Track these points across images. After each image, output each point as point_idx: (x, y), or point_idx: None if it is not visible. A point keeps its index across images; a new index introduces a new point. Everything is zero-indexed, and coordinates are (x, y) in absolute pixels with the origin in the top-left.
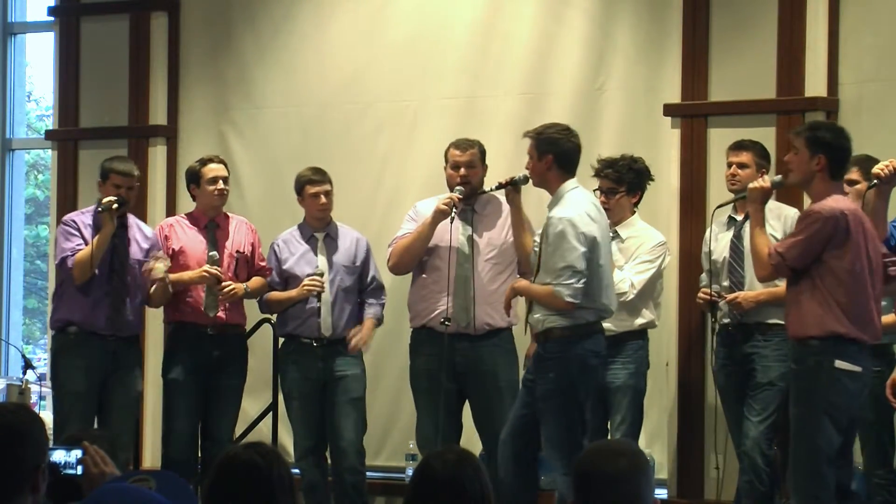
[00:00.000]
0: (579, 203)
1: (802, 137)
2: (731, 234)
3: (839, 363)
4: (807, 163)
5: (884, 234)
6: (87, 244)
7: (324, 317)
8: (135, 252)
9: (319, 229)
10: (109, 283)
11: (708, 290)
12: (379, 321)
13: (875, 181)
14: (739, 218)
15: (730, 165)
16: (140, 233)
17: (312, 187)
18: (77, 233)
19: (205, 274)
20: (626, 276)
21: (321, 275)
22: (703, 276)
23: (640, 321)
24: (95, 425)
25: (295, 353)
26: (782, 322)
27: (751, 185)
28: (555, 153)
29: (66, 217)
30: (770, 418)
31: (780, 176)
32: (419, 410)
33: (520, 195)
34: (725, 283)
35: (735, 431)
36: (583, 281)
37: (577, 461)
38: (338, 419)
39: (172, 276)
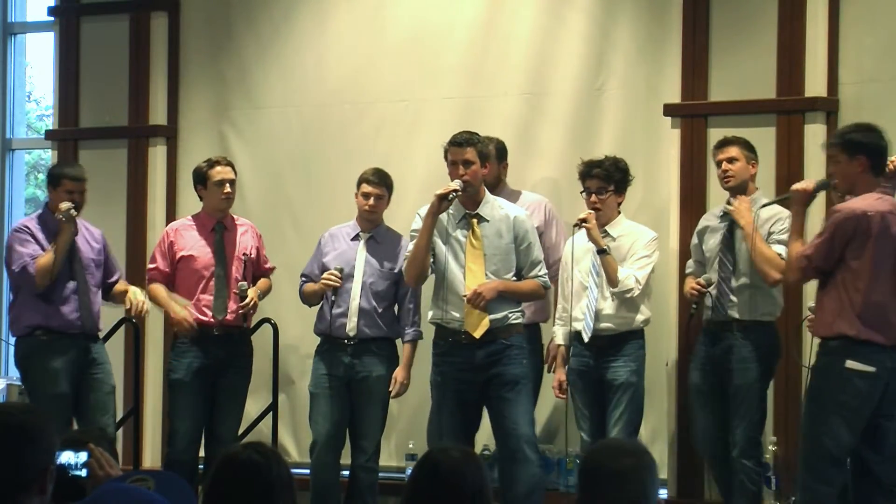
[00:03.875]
0: None
1: (837, 145)
2: (724, 228)
3: (850, 363)
4: (848, 167)
5: None
6: (42, 250)
7: (350, 318)
8: (87, 251)
9: (367, 230)
10: (73, 284)
11: (701, 282)
12: (415, 344)
13: None
14: (748, 216)
15: (719, 164)
16: (88, 233)
17: (366, 186)
18: (32, 239)
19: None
20: (630, 273)
21: (341, 270)
22: (691, 262)
23: (640, 318)
24: (74, 426)
25: (327, 350)
26: (762, 319)
27: (794, 187)
28: (489, 159)
29: (17, 224)
30: (754, 420)
31: (822, 178)
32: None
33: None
34: (714, 278)
35: (701, 429)
36: None
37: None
38: (361, 417)
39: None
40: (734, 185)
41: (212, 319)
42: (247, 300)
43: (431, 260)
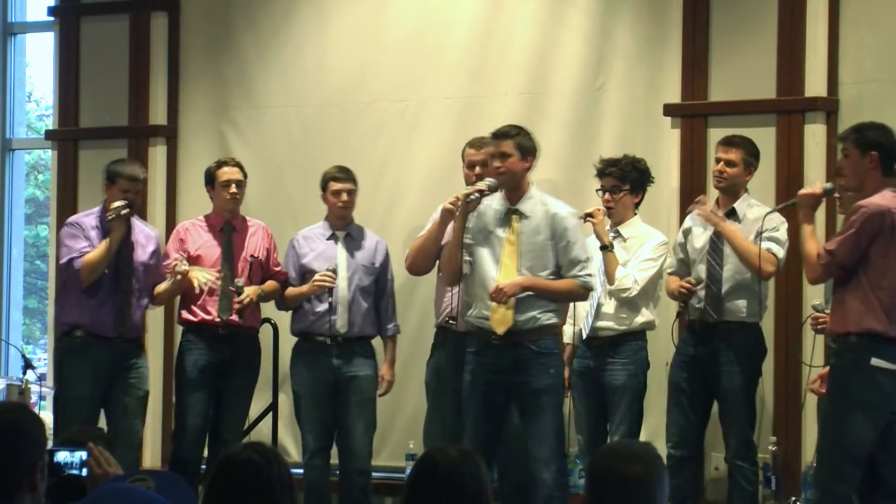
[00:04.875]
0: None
1: (850, 140)
2: (711, 230)
3: (875, 361)
4: (859, 163)
5: None
6: (92, 247)
7: (340, 314)
8: (139, 254)
9: (341, 228)
10: (115, 285)
11: (691, 281)
12: (395, 340)
13: None
14: (721, 213)
15: (718, 161)
16: (142, 233)
17: (336, 184)
18: (82, 235)
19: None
20: (630, 273)
21: (333, 271)
22: (673, 261)
23: (640, 320)
24: (104, 426)
25: (309, 352)
26: (747, 321)
27: (801, 192)
28: (535, 153)
29: (71, 219)
30: (745, 421)
31: (831, 183)
32: (428, 408)
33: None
34: (702, 276)
35: (672, 427)
36: None
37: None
38: (349, 420)
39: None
40: (724, 188)
41: (217, 319)
42: (241, 296)
43: (469, 258)
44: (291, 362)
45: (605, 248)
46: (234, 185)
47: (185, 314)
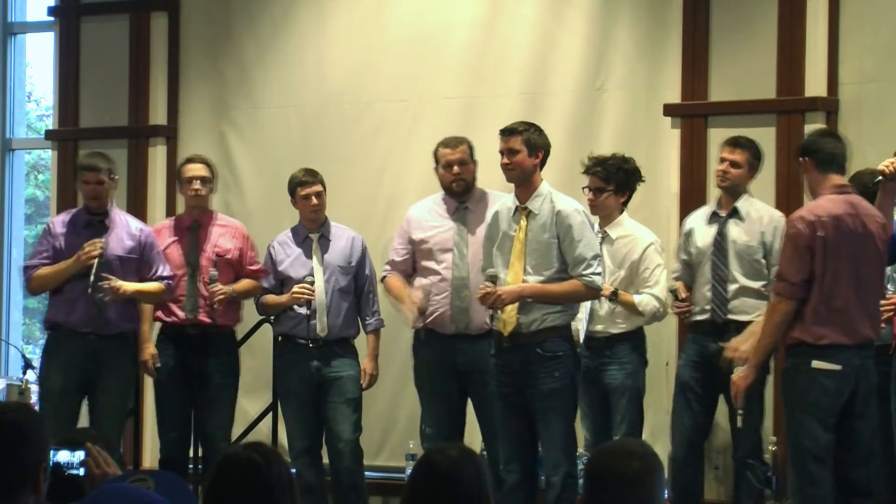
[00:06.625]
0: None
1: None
2: (714, 230)
3: (816, 363)
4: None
5: (889, 231)
6: (53, 253)
7: (319, 318)
8: (115, 249)
9: (314, 230)
10: (85, 282)
11: (681, 306)
12: (378, 333)
13: (880, 178)
14: (723, 214)
15: (722, 161)
16: (125, 230)
17: (303, 189)
18: (48, 240)
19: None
20: (649, 298)
21: (311, 283)
22: (677, 266)
23: (641, 320)
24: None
25: (290, 353)
26: (757, 320)
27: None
28: (545, 149)
29: (50, 219)
30: (757, 420)
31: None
32: (421, 408)
33: None
34: (707, 276)
35: (681, 428)
36: None
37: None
38: (334, 420)
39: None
40: (727, 188)
41: (184, 319)
42: (215, 288)
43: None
44: (275, 363)
45: (611, 298)
46: (196, 182)
47: (157, 312)
